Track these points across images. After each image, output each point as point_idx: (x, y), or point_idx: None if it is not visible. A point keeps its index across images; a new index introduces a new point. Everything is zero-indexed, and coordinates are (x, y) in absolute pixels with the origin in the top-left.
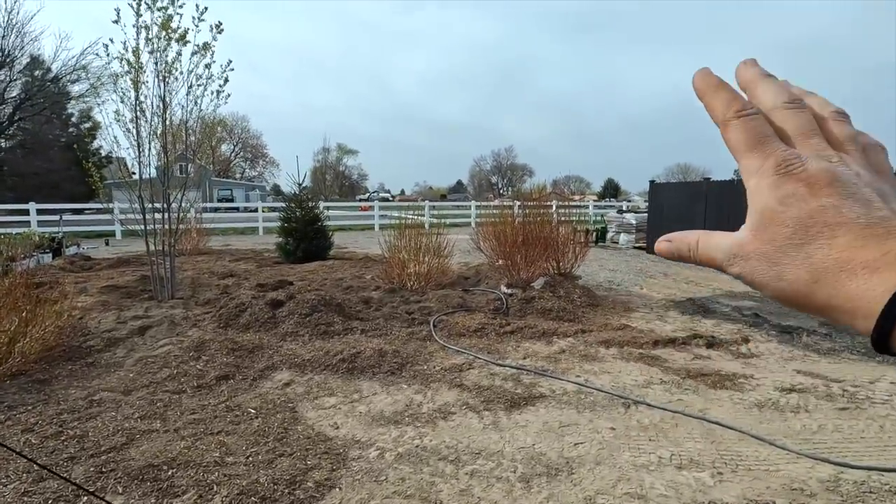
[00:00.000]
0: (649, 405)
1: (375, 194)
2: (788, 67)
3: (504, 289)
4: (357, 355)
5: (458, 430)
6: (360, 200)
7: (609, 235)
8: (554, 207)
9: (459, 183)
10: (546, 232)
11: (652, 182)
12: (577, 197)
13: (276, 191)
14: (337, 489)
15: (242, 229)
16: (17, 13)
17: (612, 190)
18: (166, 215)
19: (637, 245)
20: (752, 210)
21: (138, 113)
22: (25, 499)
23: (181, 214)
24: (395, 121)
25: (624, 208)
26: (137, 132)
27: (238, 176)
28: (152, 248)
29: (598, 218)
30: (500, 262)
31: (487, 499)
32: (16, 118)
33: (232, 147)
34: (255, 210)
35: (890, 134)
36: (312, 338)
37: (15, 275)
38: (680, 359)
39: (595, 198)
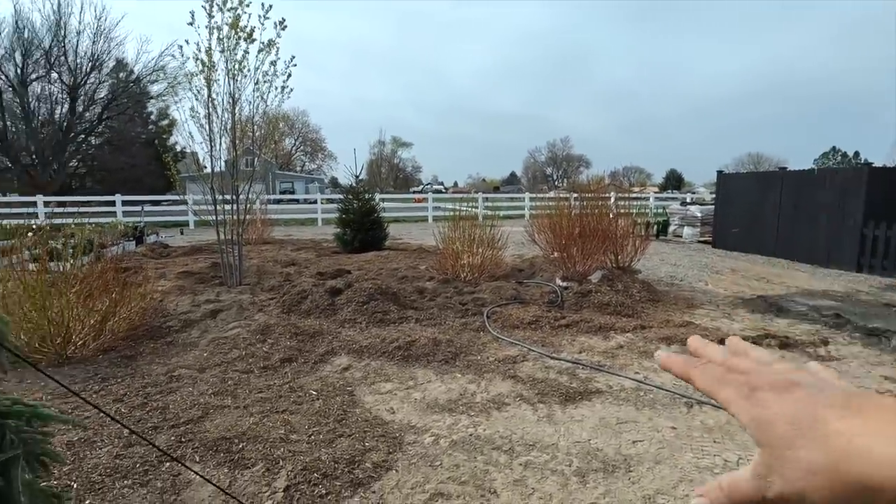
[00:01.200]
0: (715, 406)
1: (429, 186)
2: (866, 45)
3: (559, 282)
4: (412, 343)
5: (511, 421)
6: (414, 192)
7: (671, 229)
8: (612, 199)
9: (513, 175)
10: (604, 224)
11: (720, 172)
12: (636, 189)
13: (334, 183)
14: (393, 471)
15: (302, 220)
16: (105, 20)
17: (674, 181)
18: (235, 206)
19: (702, 239)
20: (749, 428)
21: (210, 109)
22: (117, 461)
23: (248, 206)
24: (450, 113)
25: (688, 200)
26: (210, 127)
27: (298, 169)
28: (222, 237)
29: (660, 210)
30: (556, 254)
31: (542, 490)
32: (104, 117)
33: (293, 141)
34: (315, 202)
35: None
36: (369, 325)
37: (106, 260)
38: None
39: (656, 190)
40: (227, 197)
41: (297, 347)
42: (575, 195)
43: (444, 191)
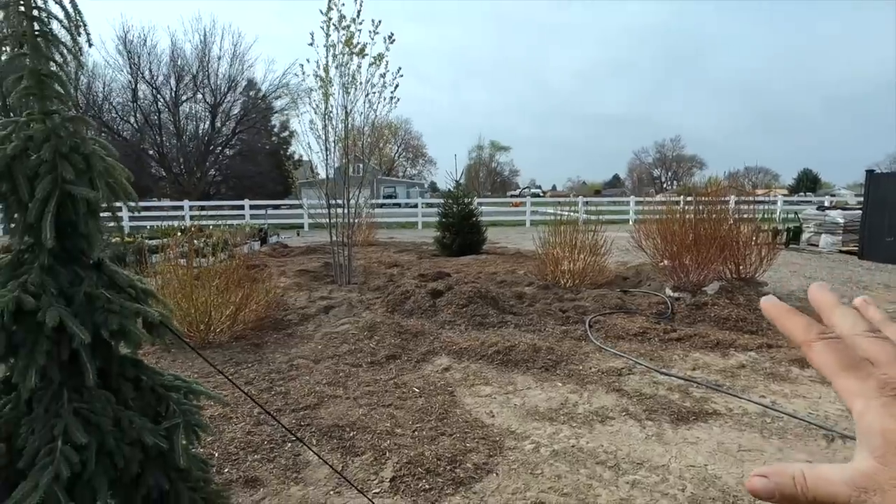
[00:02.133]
0: None
1: (527, 190)
2: None
3: (669, 292)
4: (511, 348)
5: (616, 437)
6: (512, 196)
7: (805, 236)
8: (731, 203)
9: (616, 178)
10: (722, 230)
11: (870, 171)
12: (760, 192)
13: (433, 188)
14: (494, 474)
15: (403, 224)
16: (240, 45)
17: (808, 183)
18: (345, 210)
19: (844, 249)
20: (868, 433)
21: (327, 121)
22: (249, 437)
23: (357, 210)
24: (549, 116)
25: (826, 204)
26: (326, 137)
27: (400, 174)
28: (334, 238)
29: (790, 216)
30: (665, 262)
31: None
32: (237, 131)
33: (396, 148)
34: (415, 206)
35: None
36: (468, 328)
37: (238, 258)
38: None
39: (785, 192)
40: (339, 201)
41: (401, 345)
42: (688, 198)
43: (541, 195)
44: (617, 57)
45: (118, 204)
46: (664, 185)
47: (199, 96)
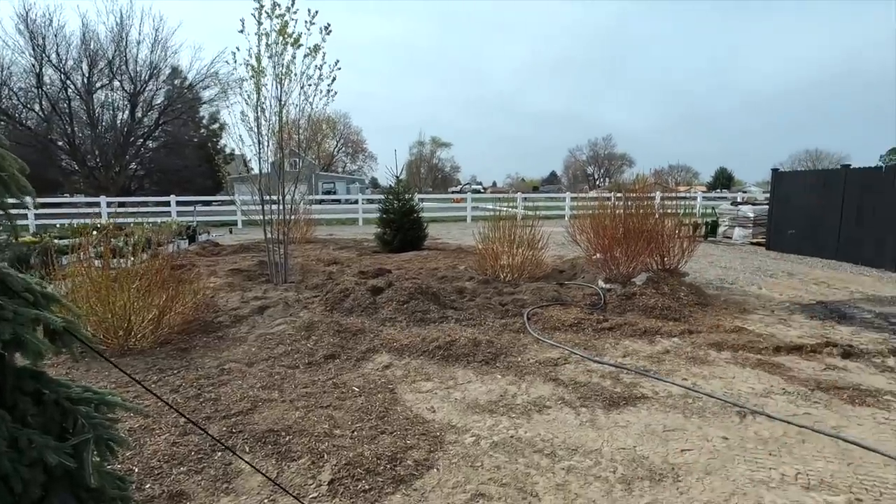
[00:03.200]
0: (770, 416)
1: (468, 186)
2: None
3: (602, 283)
4: (452, 343)
5: (553, 425)
6: (453, 192)
7: (721, 230)
8: (657, 199)
9: (553, 174)
10: (649, 225)
11: (775, 170)
12: (683, 188)
13: (374, 184)
14: (434, 470)
15: (344, 220)
16: (162, 30)
17: (724, 180)
18: (280, 206)
19: (754, 241)
20: None
21: (259, 113)
22: (174, 448)
23: (293, 206)
24: (490, 112)
25: (739, 200)
26: (258, 130)
27: (340, 170)
28: (269, 236)
29: (708, 211)
30: (598, 255)
31: (585, 496)
32: (160, 122)
33: (335, 142)
34: (356, 202)
35: None
36: (409, 324)
37: (162, 258)
38: (807, 368)
39: (704, 189)
40: (274, 197)
41: (340, 344)
42: (618, 195)
43: (482, 191)
44: (553, 56)
45: (12, 200)
46: (597, 182)
47: (117, 83)
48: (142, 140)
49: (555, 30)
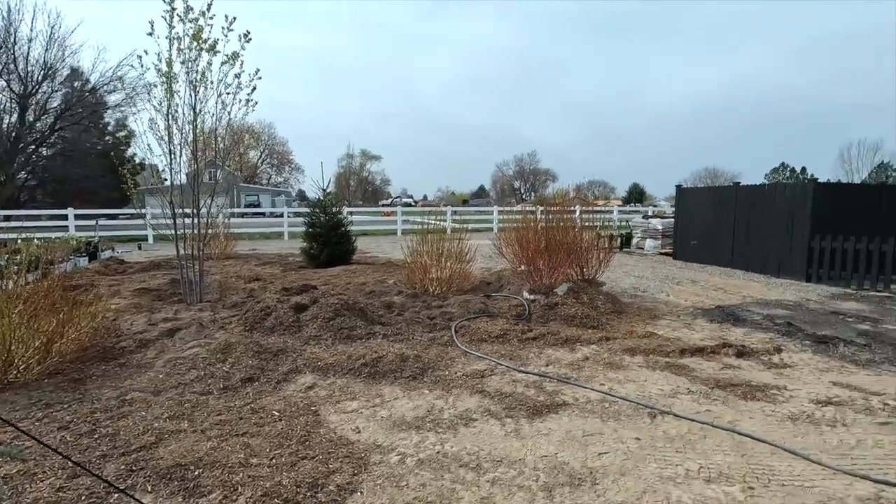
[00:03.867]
0: (676, 416)
1: (398, 199)
2: (827, 63)
3: (526, 294)
4: (379, 360)
5: (479, 437)
6: (383, 206)
7: (634, 241)
8: (577, 212)
9: (482, 188)
10: (569, 237)
11: (679, 187)
12: (600, 202)
13: (302, 196)
14: (358, 493)
15: (268, 234)
16: (59, 27)
17: (637, 195)
18: (196, 220)
19: (663, 251)
20: None
21: (171, 121)
22: (60, 494)
23: (210, 219)
24: (418, 126)
25: (650, 213)
26: (170, 139)
27: (264, 182)
28: (182, 252)
29: (623, 223)
30: (523, 267)
31: None
32: (56, 127)
33: (259, 154)
34: (281, 215)
35: None
36: (335, 342)
37: (53, 278)
38: (708, 368)
39: (619, 203)
40: (188, 210)
41: (260, 366)
42: (541, 208)
43: (413, 204)
44: (477, 73)
45: None
46: (523, 196)
47: (2, 83)
48: (34, 147)
49: (477, 46)
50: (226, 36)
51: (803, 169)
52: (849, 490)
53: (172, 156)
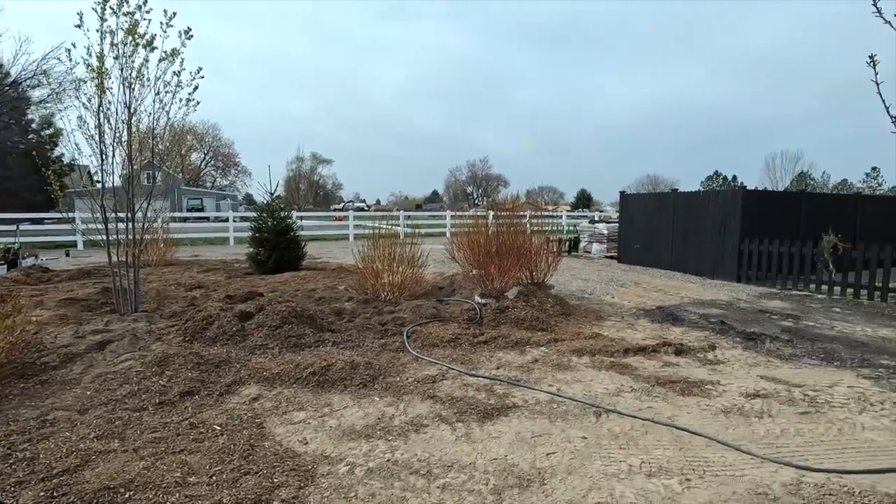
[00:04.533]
0: (620, 413)
1: (350, 204)
2: (755, 78)
3: (478, 299)
4: (328, 368)
5: (430, 443)
6: (335, 210)
7: (582, 245)
8: (528, 217)
9: (435, 193)
10: (519, 242)
11: (622, 193)
12: (550, 207)
13: (249, 200)
14: None
15: (212, 239)
16: None
17: (584, 200)
18: (130, 225)
19: (609, 255)
20: None
21: (102, 120)
22: None
23: (146, 224)
24: (370, 131)
25: (596, 218)
26: (101, 139)
27: (209, 185)
28: (115, 259)
29: (571, 228)
30: (475, 272)
31: None
32: None
33: (203, 156)
34: (226, 220)
35: (841, 146)
36: (282, 350)
37: None
38: (650, 366)
39: (568, 208)
40: (121, 215)
41: (200, 379)
42: (493, 213)
43: (366, 208)
44: (428, 80)
45: None
46: (476, 201)
47: None
48: None
49: (429, 54)
50: (165, 32)
51: (734, 177)
52: (774, 477)
53: (104, 156)
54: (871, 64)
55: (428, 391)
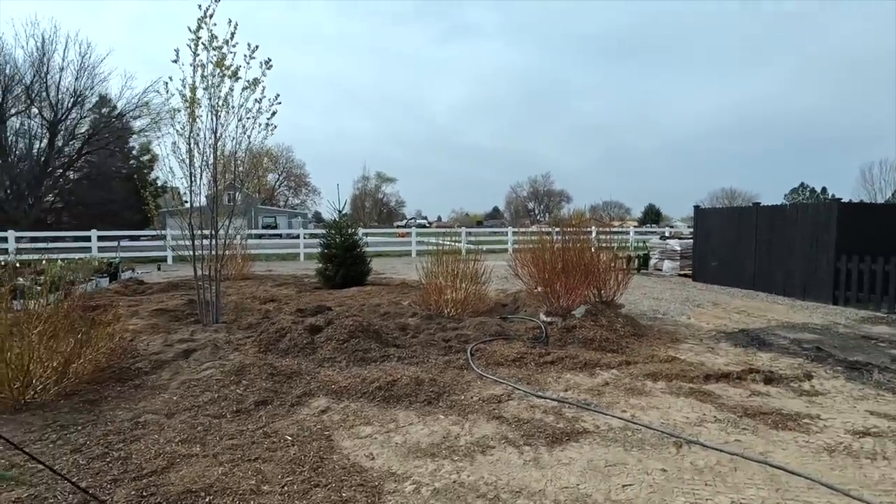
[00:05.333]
0: (704, 445)
1: (413, 221)
2: (831, 84)
3: (543, 317)
4: (393, 383)
5: (497, 466)
6: (398, 227)
7: (652, 262)
8: (594, 233)
9: (496, 209)
10: (586, 258)
11: (697, 207)
12: (616, 223)
13: (318, 218)
14: None
15: (284, 255)
16: (90, 56)
17: (653, 216)
18: (213, 241)
19: (682, 272)
20: None
21: (192, 145)
22: None
23: (227, 241)
24: (432, 149)
25: (667, 234)
26: (191, 162)
27: (282, 204)
28: (200, 272)
29: (640, 244)
30: (539, 289)
31: None
32: (83, 152)
33: (277, 176)
34: (297, 237)
35: None
36: (349, 364)
37: (73, 298)
38: (735, 395)
39: (635, 224)
40: (206, 232)
41: (273, 389)
42: (557, 229)
43: (427, 225)
44: (493, 94)
45: None
46: (538, 217)
47: (34, 110)
48: (61, 171)
49: (487, 70)
50: (248, 63)
51: (823, 189)
52: None
53: (193, 178)
54: None
55: (493, 411)
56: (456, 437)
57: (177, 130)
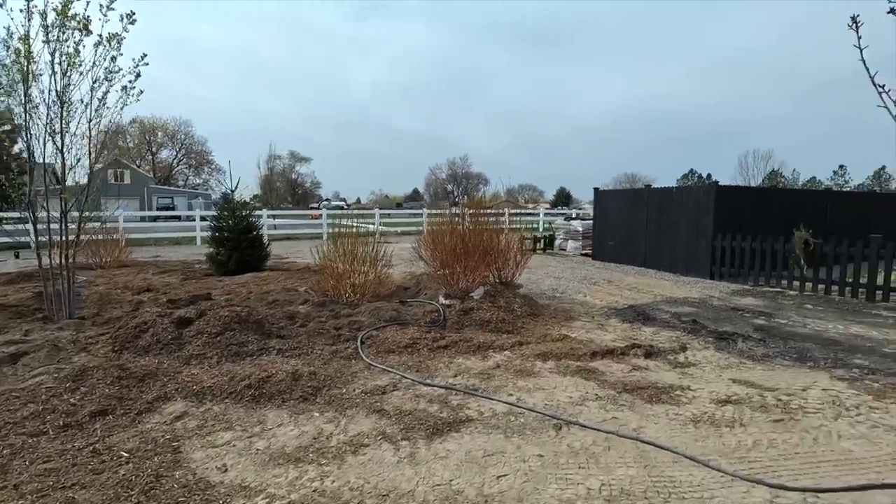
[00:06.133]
0: (582, 426)
1: (327, 202)
2: (722, 81)
3: (442, 300)
4: (267, 380)
5: (367, 467)
6: (312, 209)
7: (557, 243)
8: (507, 215)
9: (416, 191)
10: (485, 239)
11: (596, 189)
12: (531, 205)
13: (226, 199)
14: None
15: (179, 239)
16: None
17: (564, 198)
18: (63, 225)
19: (584, 252)
20: None
21: (30, 109)
22: None
23: (82, 223)
24: (350, 129)
25: (572, 215)
26: (27, 130)
27: (181, 184)
28: (50, 261)
29: (548, 225)
30: (440, 271)
31: None
32: None
33: (174, 153)
34: (194, 219)
35: (819, 152)
36: (221, 360)
37: None
38: (618, 371)
39: (548, 206)
40: (55, 214)
41: (118, 395)
42: (469, 211)
43: (345, 207)
44: (412, 77)
45: None
46: (457, 199)
47: None
48: None
49: (408, 52)
50: (105, 15)
51: (709, 175)
52: (746, 498)
53: (30, 150)
54: (854, 27)
55: (375, 404)
56: (328, 437)
57: (6, 91)
